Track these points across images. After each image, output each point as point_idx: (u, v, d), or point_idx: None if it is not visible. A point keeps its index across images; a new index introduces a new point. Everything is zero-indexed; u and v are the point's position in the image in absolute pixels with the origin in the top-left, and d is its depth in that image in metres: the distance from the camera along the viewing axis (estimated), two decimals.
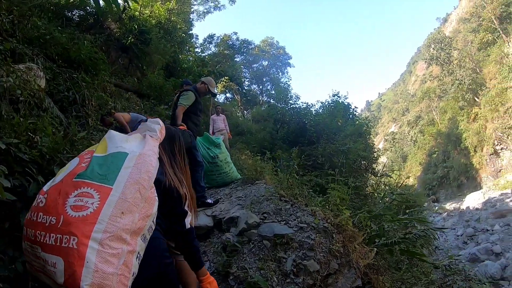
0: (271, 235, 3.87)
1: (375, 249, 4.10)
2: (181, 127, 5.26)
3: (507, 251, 17.79)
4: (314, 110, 15.55)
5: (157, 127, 2.40)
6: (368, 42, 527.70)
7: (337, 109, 14.72)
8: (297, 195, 5.20)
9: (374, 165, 14.78)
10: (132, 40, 15.43)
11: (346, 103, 16.27)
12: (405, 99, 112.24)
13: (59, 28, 9.79)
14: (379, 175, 14.11)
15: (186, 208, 2.41)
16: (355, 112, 16.54)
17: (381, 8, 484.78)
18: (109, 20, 16.07)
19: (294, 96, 16.05)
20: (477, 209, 30.79)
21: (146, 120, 2.85)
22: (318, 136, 12.75)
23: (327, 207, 4.83)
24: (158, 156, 2.20)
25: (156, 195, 2.03)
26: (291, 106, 15.62)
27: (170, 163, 2.47)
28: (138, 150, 2.07)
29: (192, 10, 33.45)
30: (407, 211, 8.94)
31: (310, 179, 7.73)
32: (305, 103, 16.48)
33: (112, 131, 2.23)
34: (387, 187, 11.64)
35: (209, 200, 5.54)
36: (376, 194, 10.35)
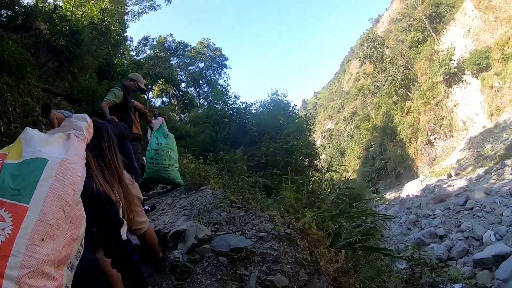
0: (227, 250, 3.35)
1: (343, 251, 3.81)
2: (113, 120, 4.74)
3: (450, 232, 18.53)
4: (254, 110, 15.48)
5: (83, 125, 2.03)
6: (303, 44, 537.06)
7: (278, 107, 14.59)
8: (250, 200, 4.72)
9: (316, 162, 14.83)
10: (63, 42, 14.64)
11: (286, 101, 16.22)
12: (340, 97, 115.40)
13: None
14: (323, 171, 14.06)
15: (120, 216, 2.14)
16: (295, 110, 16.44)
17: (315, 10, 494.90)
18: (39, 20, 15.05)
19: (233, 96, 15.50)
20: (416, 196, 32.06)
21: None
22: (260, 135, 12.53)
23: (283, 210, 4.50)
24: (85, 161, 1.86)
25: (83, 211, 1.71)
26: (230, 106, 15.31)
27: (97, 164, 2.15)
28: (60, 155, 1.71)
29: (126, 10, 32.35)
30: (354, 204, 8.98)
31: (255, 180, 7.46)
32: (244, 102, 16.32)
33: (29, 129, 1.84)
34: (331, 183, 11.58)
35: (145, 207, 5.04)
36: (320, 191, 10.33)
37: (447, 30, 48.34)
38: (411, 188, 36.85)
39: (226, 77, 15.25)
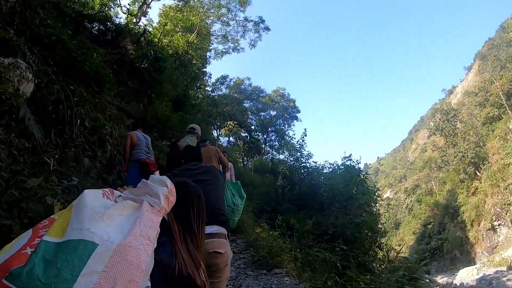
0: None
1: None
2: None
3: None
4: (325, 172, 14.44)
5: (162, 191, 1.68)
6: (372, 107, 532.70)
7: (351, 175, 13.54)
8: None
9: (380, 239, 13.63)
10: (146, 65, 14.56)
11: (358, 168, 15.15)
12: (403, 166, 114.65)
13: (69, 32, 8.49)
14: (385, 249, 13.02)
15: None
16: (366, 179, 15.28)
17: (387, 74, 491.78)
18: (127, 40, 15.14)
19: (306, 153, 14.62)
20: (471, 286, 29.69)
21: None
22: (330, 202, 11.44)
23: None
24: (155, 239, 1.48)
25: None
26: (302, 164, 14.32)
27: (182, 237, 1.78)
28: (117, 237, 1.33)
29: (210, 47, 33.10)
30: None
31: (323, 257, 6.68)
32: (315, 162, 15.44)
33: (86, 192, 1.50)
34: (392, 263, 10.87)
35: None
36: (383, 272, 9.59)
37: None
38: (466, 275, 34.17)
39: (303, 134, 14.25)
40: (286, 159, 16.45)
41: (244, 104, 42.23)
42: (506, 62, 55.92)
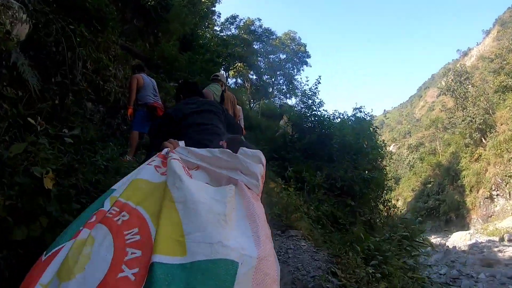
0: None
1: None
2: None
3: None
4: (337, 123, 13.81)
5: (258, 170, 1.50)
6: (383, 59, 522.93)
7: (362, 127, 13.10)
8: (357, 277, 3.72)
9: (386, 195, 13.41)
10: (153, 2, 13.73)
11: (368, 121, 14.66)
12: (409, 122, 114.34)
13: None
14: (388, 206, 13.08)
15: None
16: (376, 133, 14.82)
17: (402, 27, 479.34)
18: None
19: (318, 102, 13.81)
20: (463, 251, 29.96)
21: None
22: (340, 154, 11.10)
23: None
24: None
25: None
26: (313, 112, 13.54)
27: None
28: (251, 248, 1.15)
29: None
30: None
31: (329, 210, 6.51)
32: (325, 111, 14.82)
33: (185, 179, 1.36)
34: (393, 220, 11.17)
35: None
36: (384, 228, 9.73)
37: None
38: (459, 239, 34.62)
39: (317, 81, 13.08)
40: (295, 105, 15.64)
41: (254, 46, 41.21)
42: None
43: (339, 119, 14.00)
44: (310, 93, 13.70)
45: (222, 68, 25.87)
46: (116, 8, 11.00)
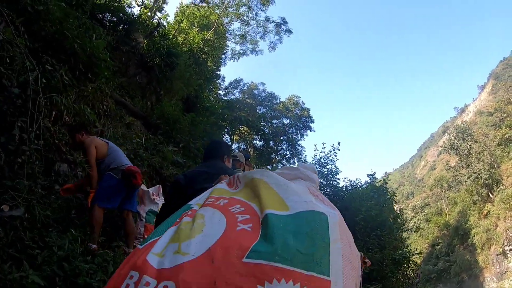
0: None
1: None
2: None
3: None
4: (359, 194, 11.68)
5: (316, 178, 1.72)
6: (382, 122, 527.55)
7: (384, 198, 11.62)
8: None
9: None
10: (157, 60, 13.06)
11: (385, 188, 13.10)
12: (411, 183, 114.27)
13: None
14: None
15: None
16: (394, 201, 13.27)
17: (398, 89, 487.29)
18: (139, 32, 13.84)
19: (334, 170, 11.94)
20: None
21: None
22: (365, 231, 9.43)
23: None
24: None
25: None
26: (329, 182, 11.97)
27: None
28: (329, 209, 1.40)
29: (227, 48, 31.58)
30: None
31: None
32: (348, 180, 13.05)
33: (270, 172, 1.63)
34: None
35: None
36: None
37: None
38: None
39: (334, 153, 11.17)
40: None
41: (258, 110, 40.65)
42: None
43: (352, 187, 12.40)
44: (325, 159, 12.11)
45: (225, 131, 24.87)
46: (119, 62, 10.21)
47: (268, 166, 36.69)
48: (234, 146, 35.72)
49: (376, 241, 9.09)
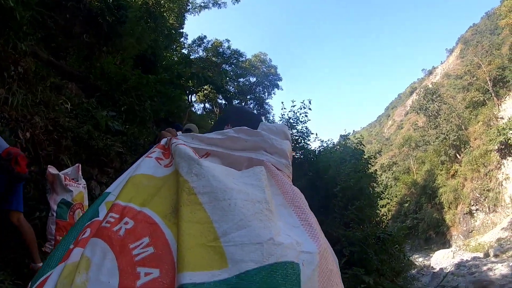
0: None
1: None
2: None
3: None
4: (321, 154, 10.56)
5: (287, 147, 1.27)
6: (350, 82, 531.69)
7: (361, 163, 10.40)
8: None
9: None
10: (107, 15, 11.53)
11: (361, 150, 11.92)
12: (379, 141, 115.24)
13: None
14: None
15: None
16: (369, 163, 12.07)
17: (367, 49, 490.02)
18: None
19: (304, 132, 10.31)
20: (452, 273, 28.35)
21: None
22: (342, 203, 8.09)
23: None
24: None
25: None
26: (300, 145, 10.23)
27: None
28: (308, 243, 0.96)
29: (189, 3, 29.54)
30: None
31: None
32: (319, 140, 11.69)
33: (206, 164, 1.11)
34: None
35: None
36: None
37: (510, 96, 46.12)
38: (442, 258, 34.54)
39: (305, 112, 9.81)
40: None
41: (223, 68, 39.10)
42: (491, 48, 55.85)
43: (328, 152, 10.96)
44: (295, 121, 10.50)
45: (187, 92, 23.34)
46: (62, 19, 9.23)
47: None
48: (198, 106, 34.37)
49: (355, 215, 7.84)
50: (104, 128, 7.40)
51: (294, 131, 10.24)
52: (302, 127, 10.30)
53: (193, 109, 28.33)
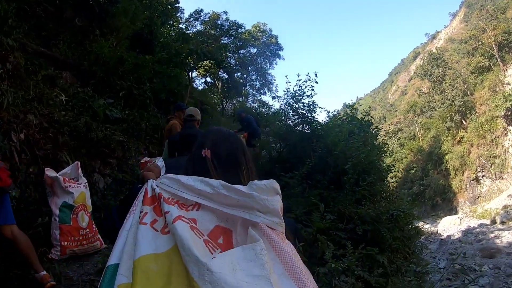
0: None
1: None
2: None
3: None
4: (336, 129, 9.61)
5: (277, 203, 1.16)
6: (353, 48, 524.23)
7: (370, 135, 10.05)
8: None
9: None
10: None
11: (368, 122, 11.47)
12: (383, 107, 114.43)
13: None
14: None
15: None
16: (377, 134, 11.69)
17: (369, 14, 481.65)
18: None
19: (310, 104, 9.72)
20: (459, 240, 28.52)
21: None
22: (353, 179, 7.78)
23: None
24: None
25: None
26: (307, 119, 10.01)
27: None
28: None
29: None
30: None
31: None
32: (325, 111, 11.62)
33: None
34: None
35: None
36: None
37: None
38: (449, 225, 34.25)
39: (311, 86, 9.29)
40: (281, 110, 10.91)
41: (222, 42, 38.47)
42: (496, 12, 54.10)
43: (337, 126, 10.43)
44: (299, 92, 10.00)
45: (186, 69, 23.06)
46: (52, 5, 8.95)
47: (238, 99, 35.35)
48: (199, 82, 33.95)
49: (367, 191, 7.59)
50: (103, 117, 7.16)
51: (300, 104, 9.87)
52: (308, 101, 9.89)
53: (194, 85, 27.75)
